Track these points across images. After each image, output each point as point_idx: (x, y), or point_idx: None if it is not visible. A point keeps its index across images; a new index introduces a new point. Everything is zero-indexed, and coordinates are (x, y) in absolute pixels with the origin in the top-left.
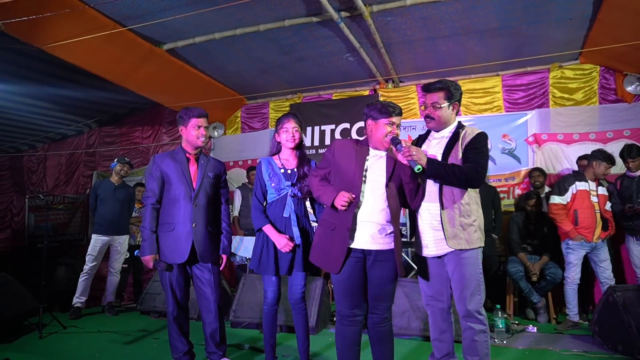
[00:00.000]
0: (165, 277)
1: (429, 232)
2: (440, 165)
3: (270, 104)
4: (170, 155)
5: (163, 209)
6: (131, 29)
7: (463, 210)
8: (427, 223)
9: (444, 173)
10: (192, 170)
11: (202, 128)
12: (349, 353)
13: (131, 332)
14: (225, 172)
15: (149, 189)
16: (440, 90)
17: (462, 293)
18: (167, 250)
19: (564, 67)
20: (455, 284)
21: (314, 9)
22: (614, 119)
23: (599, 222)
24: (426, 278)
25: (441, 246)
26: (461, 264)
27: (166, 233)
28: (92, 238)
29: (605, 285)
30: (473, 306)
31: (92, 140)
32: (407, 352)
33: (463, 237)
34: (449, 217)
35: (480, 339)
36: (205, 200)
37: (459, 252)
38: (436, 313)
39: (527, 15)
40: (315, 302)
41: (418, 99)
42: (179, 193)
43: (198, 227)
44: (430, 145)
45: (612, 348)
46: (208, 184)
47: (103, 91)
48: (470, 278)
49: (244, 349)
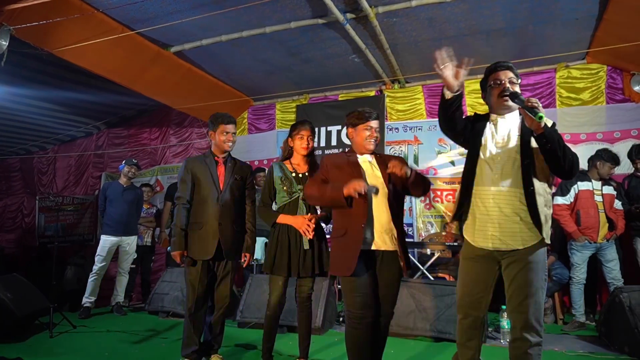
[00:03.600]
0: (189, 273)
1: (496, 222)
2: (556, 132)
3: (276, 105)
4: (200, 158)
5: (193, 209)
6: (139, 32)
7: (547, 199)
8: (497, 212)
9: (557, 142)
10: (219, 173)
11: (230, 134)
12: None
13: (139, 332)
14: (251, 174)
15: (180, 190)
16: (510, 69)
17: (524, 301)
18: (195, 248)
19: (570, 67)
20: (517, 290)
21: (320, 10)
22: (621, 119)
23: (604, 222)
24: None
25: (509, 240)
26: (530, 267)
27: (195, 231)
28: (101, 239)
29: (612, 285)
30: (535, 316)
31: (101, 142)
32: (414, 353)
33: (545, 230)
34: (532, 207)
35: (534, 352)
36: (231, 200)
37: (533, 249)
38: (469, 320)
39: (533, 15)
40: (321, 303)
41: (424, 99)
42: (207, 194)
43: (224, 226)
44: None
45: (618, 349)
46: (234, 185)
47: (112, 93)
48: (537, 284)
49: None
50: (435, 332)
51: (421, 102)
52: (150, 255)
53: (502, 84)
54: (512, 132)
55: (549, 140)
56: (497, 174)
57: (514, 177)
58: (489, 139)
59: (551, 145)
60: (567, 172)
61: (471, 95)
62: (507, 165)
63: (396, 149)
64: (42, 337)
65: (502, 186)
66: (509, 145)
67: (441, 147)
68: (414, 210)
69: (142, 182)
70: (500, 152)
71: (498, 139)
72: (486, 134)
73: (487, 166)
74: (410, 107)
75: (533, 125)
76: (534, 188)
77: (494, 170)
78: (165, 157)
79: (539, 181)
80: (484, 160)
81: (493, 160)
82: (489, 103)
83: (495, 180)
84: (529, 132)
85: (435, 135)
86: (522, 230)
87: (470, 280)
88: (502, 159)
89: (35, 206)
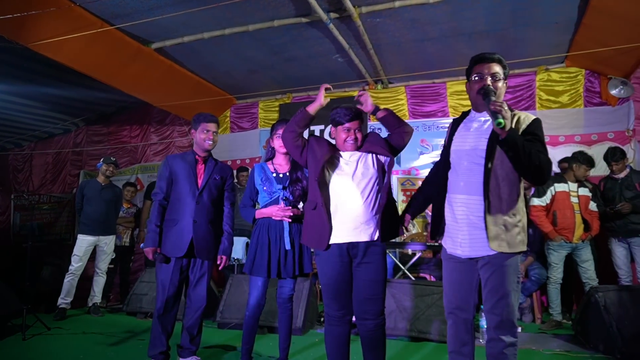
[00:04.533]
0: (160, 272)
1: (465, 230)
2: (520, 138)
3: (259, 104)
4: (181, 156)
5: (170, 205)
6: (119, 27)
7: (509, 207)
8: (464, 218)
9: (521, 148)
10: (199, 171)
11: (211, 132)
12: (339, 353)
13: (117, 334)
14: (232, 176)
15: (158, 186)
16: (499, 62)
17: (497, 302)
18: (169, 244)
19: (550, 70)
20: (490, 292)
21: (303, 9)
22: (598, 122)
23: (580, 223)
24: (453, 281)
25: (478, 247)
26: (500, 271)
27: (170, 228)
28: (78, 238)
29: (588, 285)
30: (508, 317)
31: (79, 139)
32: (393, 353)
33: (505, 238)
34: (493, 214)
35: (509, 352)
36: (208, 199)
37: (499, 256)
38: (460, 324)
39: (514, 19)
40: (302, 303)
41: (407, 100)
42: (184, 191)
43: (199, 224)
44: (470, 128)
45: (593, 348)
46: (213, 185)
47: (90, 90)
48: (509, 286)
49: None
50: (415, 332)
51: (404, 102)
52: (129, 255)
53: (483, 78)
54: (483, 135)
55: (509, 147)
56: (462, 181)
57: (478, 185)
58: (459, 142)
59: (513, 153)
60: (533, 177)
61: (453, 96)
62: (473, 171)
63: None
64: (14, 340)
65: (468, 193)
66: (477, 149)
67: (423, 148)
68: None
69: (126, 182)
70: (468, 157)
71: (468, 140)
72: (457, 136)
73: (454, 172)
74: (393, 108)
75: (496, 129)
76: (495, 195)
77: (460, 176)
78: (146, 156)
79: (500, 188)
80: (453, 166)
81: (460, 166)
82: (469, 96)
83: (461, 188)
84: (497, 136)
85: (417, 136)
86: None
87: (455, 281)
88: (468, 165)
89: (10, 205)
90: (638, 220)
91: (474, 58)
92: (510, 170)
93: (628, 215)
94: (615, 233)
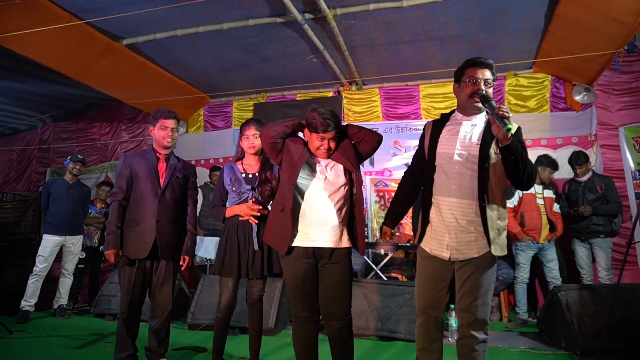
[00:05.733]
0: (124, 274)
1: (452, 233)
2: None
3: (234, 103)
4: (140, 154)
5: (130, 205)
6: (88, 22)
7: (501, 212)
8: (453, 222)
9: (520, 155)
10: (160, 169)
11: (169, 129)
12: (307, 353)
13: (83, 336)
14: (195, 174)
15: (117, 186)
16: (491, 69)
17: (474, 301)
18: (131, 246)
19: (519, 76)
20: (468, 291)
21: (278, 9)
22: (563, 126)
23: (546, 224)
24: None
25: (465, 250)
26: (479, 271)
27: (131, 229)
28: (43, 238)
29: (552, 284)
30: (482, 315)
31: (46, 136)
32: (364, 352)
33: (498, 242)
34: (490, 219)
35: (480, 349)
36: (171, 199)
37: (485, 257)
38: (431, 322)
39: (485, 24)
40: (274, 304)
41: (380, 102)
42: (145, 190)
43: (162, 224)
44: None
45: (556, 344)
46: (176, 183)
47: (58, 85)
48: (487, 286)
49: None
50: (386, 332)
51: (378, 104)
52: (99, 256)
53: (477, 83)
54: (473, 139)
55: (512, 153)
56: (454, 185)
57: (470, 189)
58: (447, 145)
59: (514, 158)
60: (524, 183)
61: (426, 99)
62: (465, 175)
63: None
64: None
65: (459, 197)
66: (468, 154)
67: (396, 150)
68: (369, 211)
69: (102, 181)
70: (459, 161)
71: (458, 146)
72: (443, 139)
73: (444, 175)
74: (367, 109)
75: (499, 134)
76: (488, 201)
77: (451, 179)
78: (117, 154)
79: (494, 194)
80: (441, 169)
81: (451, 170)
82: (458, 98)
83: (452, 191)
84: (489, 142)
85: (390, 138)
86: (477, 239)
87: (430, 281)
88: (459, 169)
89: None
90: (599, 222)
91: (469, 61)
92: (502, 175)
93: (590, 217)
94: (577, 234)
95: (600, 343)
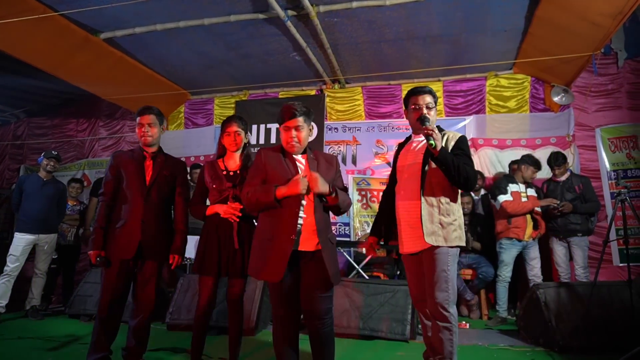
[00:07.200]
0: (106, 274)
1: (407, 231)
2: (449, 155)
3: (215, 100)
4: (128, 152)
5: (117, 205)
6: (64, 14)
7: (443, 209)
8: (406, 221)
9: (451, 163)
10: (147, 168)
11: (144, 125)
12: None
13: (57, 338)
14: (184, 170)
15: (104, 186)
16: (430, 93)
17: (429, 287)
18: (116, 246)
19: (499, 76)
20: (427, 279)
21: (260, 5)
22: (542, 127)
23: (530, 221)
24: (410, 276)
25: (417, 243)
26: (433, 259)
27: (117, 229)
28: (15, 236)
29: (533, 282)
30: (439, 301)
31: (19, 132)
32: (346, 352)
33: (441, 234)
34: (428, 215)
35: (444, 337)
36: (158, 197)
37: (434, 249)
38: (421, 310)
39: (467, 25)
40: (255, 303)
41: (363, 101)
42: (131, 189)
43: (147, 224)
44: (411, 150)
45: (534, 342)
46: (163, 182)
47: (32, 79)
48: (439, 273)
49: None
50: (367, 331)
51: (360, 103)
52: (74, 255)
53: (419, 109)
54: (420, 151)
55: (442, 163)
56: (402, 190)
57: (414, 191)
58: (402, 159)
59: (445, 167)
60: (462, 185)
61: None
62: (412, 180)
63: (335, 148)
64: None
65: (408, 199)
66: (414, 163)
67: (378, 148)
68: (351, 210)
69: (72, 177)
70: (408, 170)
71: (409, 157)
72: (401, 155)
73: (399, 184)
74: (349, 108)
75: (430, 148)
76: (431, 200)
77: (401, 186)
78: (94, 150)
79: (436, 194)
80: (399, 178)
81: (402, 178)
82: (409, 121)
83: (404, 195)
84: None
85: (373, 136)
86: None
87: (412, 276)
88: (409, 176)
89: None
90: (577, 220)
91: (411, 91)
92: (443, 178)
93: (567, 216)
94: (556, 232)
95: (577, 340)
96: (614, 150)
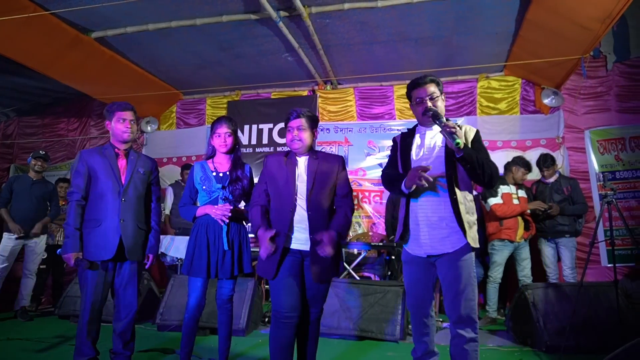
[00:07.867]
0: (86, 276)
1: (425, 230)
2: (474, 152)
3: (207, 100)
4: (97, 150)
5: (89, 205)
6: (54, 13)
7: (469, 206)
8: (425, 219)
9: (475, 161)
10: (121, 166)
11: (127, 121)
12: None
13: (46, 339)
14: (156, 169)
15: (74, 184)
16: (432, 82)
17: (456, 297)
18: (93, 247)
19: (490, 78)
20: (449, 286)
21: (253, 6)
22: (532, 129)
23: (521, 222)
24: (412, 283)
25: (437, 245)
26: (458, 266)
27: (92, 229)
28: (4, 237)
29: (523, 282)
30: (467, 311)
31: (9, 131)
32: (337, 353)
33: (471, 235)
34: (462, 214)
35: (470, 348)
36: (134, 196)
37: (456, 253)
38: (420, 318)
39: (458, 27)
40: (246, 304)
41: (355, 102)
42: (106, 188)
43: (127, 223)
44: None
45: (522, 342)
46: (138, 179)
47: (22, 78)
48: (466, 281)
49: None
50: (358, 331)
51: (352, 104)
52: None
53: (423, 102)
54: (437, 143)
55: (467, 162)
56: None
57: (439, 187)
58: (417, 152)
59: (470, 166)
60: (487, 183)
61: (400, 100)
62: (434, 175)
63: (327, 149)
64: None
65: (430, 195)
66: (435, 156)
67: (370, 149)
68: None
69: (60, 177)
70: (427, 164)
71: (425, 151)
72: (414, 148)
73: None
74: (341, 109)
75: (452, 147)
76: (456, 197)
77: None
78: None
79: (460, 190)
80: None
81: None
82: (415, 115)
83: (423, 190)
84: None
85: (364, 137)
86: (450, 234)
87: (414, 282)
88: (429, 172)
89: None
90: (565, 222)
91: (412, 83)
92: (464, 174)
93: (556, 217)
94: (544, 234)
95: (564, 340)
96: (603, 152)
